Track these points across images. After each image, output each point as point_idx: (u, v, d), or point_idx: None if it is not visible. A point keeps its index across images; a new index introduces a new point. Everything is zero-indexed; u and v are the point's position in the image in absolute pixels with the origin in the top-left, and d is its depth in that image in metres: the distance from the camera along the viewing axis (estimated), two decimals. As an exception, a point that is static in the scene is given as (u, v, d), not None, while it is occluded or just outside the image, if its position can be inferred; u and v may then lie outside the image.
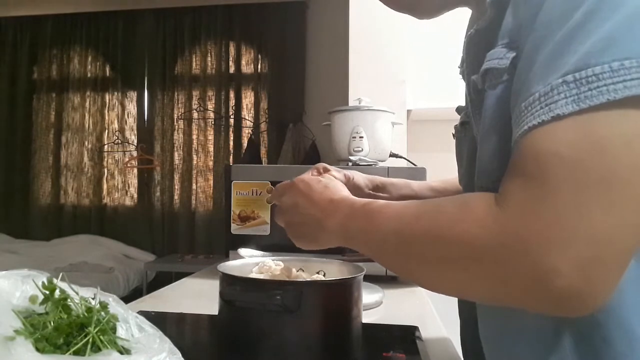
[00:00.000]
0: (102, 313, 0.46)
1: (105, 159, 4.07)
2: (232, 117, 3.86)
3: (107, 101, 4.07)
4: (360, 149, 1.40)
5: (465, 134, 0.65)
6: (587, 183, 0.37)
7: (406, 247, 0.48)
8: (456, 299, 0.66)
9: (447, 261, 0.44)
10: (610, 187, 0.37)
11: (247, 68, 3.88)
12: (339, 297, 0.67)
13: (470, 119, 0.60)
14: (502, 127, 0.47)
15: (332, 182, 0.66)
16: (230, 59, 3.89)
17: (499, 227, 0.40)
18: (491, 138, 0.49)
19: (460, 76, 0.71)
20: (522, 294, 0.40)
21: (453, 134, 0.73)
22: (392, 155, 1.50)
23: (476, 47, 0.54)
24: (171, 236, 3.90)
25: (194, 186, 3.92)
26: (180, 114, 3.94)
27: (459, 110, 0.72)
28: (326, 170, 0.74)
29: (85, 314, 0.45)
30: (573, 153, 0.37)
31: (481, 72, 0.51)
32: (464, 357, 0.74)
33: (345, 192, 0.64)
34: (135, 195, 4.04)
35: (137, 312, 0.50)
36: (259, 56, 3.86)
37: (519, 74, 0.44)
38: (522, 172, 0.40)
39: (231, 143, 3.86)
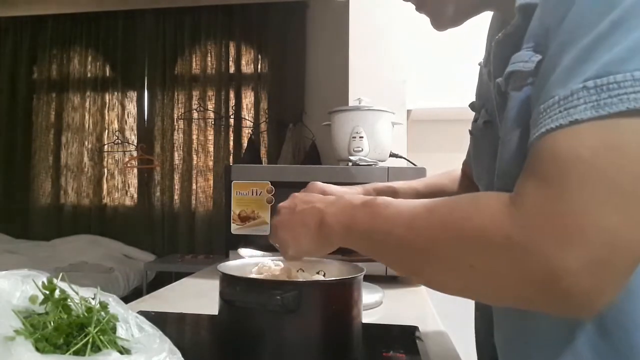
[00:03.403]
0: (102, 313, 0.46)
1: (105, 159, 4.08)
2: (232, 117, 3.87)
3: (107, 101, 4.07)
4: (360, 149, 1.40)
5: (487, 132, 0.64)
6: (604, 186, 0.37)
7: (413, 239, 0.48)
8: (455, 299, 0.65)
9: (457, 256, 0.44)
10: (626, 192, 0.37)
11: (247, 68, 3.88)
12: (339, 297, 0.67)
13: (495, 119, 0.60)
14: (524, 129, 0.47)
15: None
16: (230, 59, 3.89)
17: (512, 224, 0.40)
18: (513, 140, 0.50)
19: (478, 74, 0.71)
20: (530, 292, 0.41)
21: (470, 131, 0.72)
22: (392, 155, 1.50)
23: (503, 50, 0.54)
24: (171, 236, 3.90)
25: (194, 186, 3.92)
26: (180, 114, 3.95)
27: (472, 107, 0.71)
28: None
29: (85, 314, 0.45)
30: (591, 158, 0.38)
31: (505, 74, 0.51)
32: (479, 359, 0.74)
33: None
34: (135, 195, 4.04)
35: (137, 312, 0.50)
36: (259, 56, 3.86)
37: (541, 77, 0.44)
38: (539, 173, 0.41)
39: (231, 143, 3.86)
